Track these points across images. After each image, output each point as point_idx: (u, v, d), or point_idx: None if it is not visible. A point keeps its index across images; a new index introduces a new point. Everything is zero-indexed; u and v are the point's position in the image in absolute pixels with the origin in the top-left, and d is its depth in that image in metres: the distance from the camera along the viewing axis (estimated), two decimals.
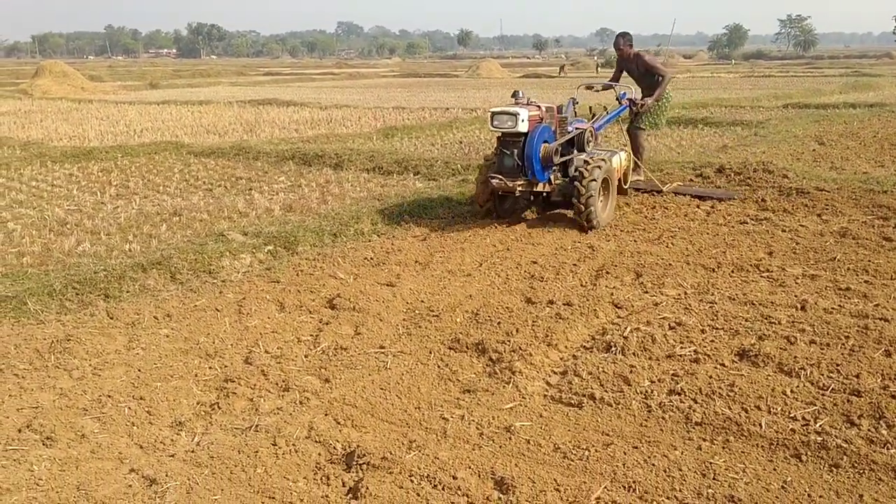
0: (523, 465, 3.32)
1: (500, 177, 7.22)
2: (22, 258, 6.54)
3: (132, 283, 5.78)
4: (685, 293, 5.45)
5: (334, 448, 3.55)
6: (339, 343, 4.75)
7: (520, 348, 4.45)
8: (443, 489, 3.18)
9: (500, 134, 7.37)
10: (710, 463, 3.30)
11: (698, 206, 8.20)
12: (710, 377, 4.01)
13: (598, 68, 51.29)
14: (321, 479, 3.34)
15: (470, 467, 3.32)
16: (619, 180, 8.17)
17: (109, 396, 4.04)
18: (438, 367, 4.43)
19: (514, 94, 7.50)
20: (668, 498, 3.06)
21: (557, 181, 7.63)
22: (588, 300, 5.24)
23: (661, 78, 8.99)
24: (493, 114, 7.26)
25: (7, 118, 19.43)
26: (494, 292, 5.63)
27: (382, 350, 4.65)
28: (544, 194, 7.72)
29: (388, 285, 5.79)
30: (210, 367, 4.45)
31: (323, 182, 10.05)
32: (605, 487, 3.12)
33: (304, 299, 5.52)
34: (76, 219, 8.06)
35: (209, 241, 6.75)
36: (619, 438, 3.54)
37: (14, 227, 7.65)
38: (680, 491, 3.10)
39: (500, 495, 3.11)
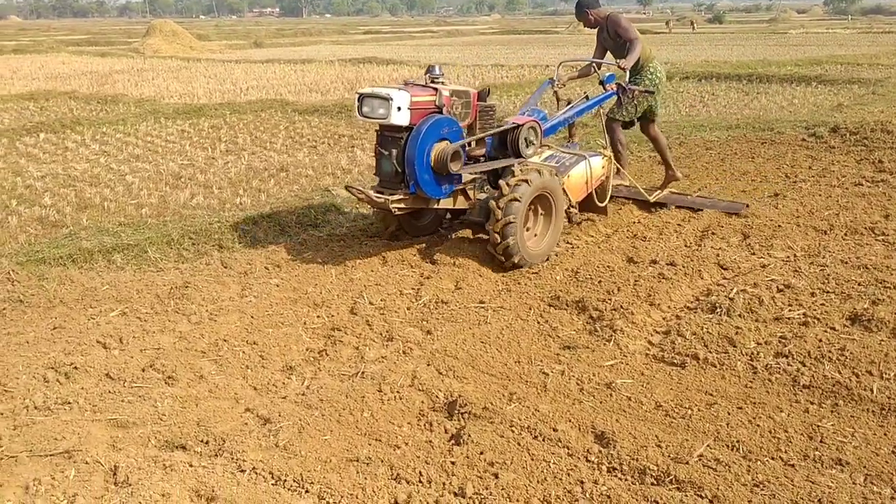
0: (624, 421, 3.34)
1: (358, 188, 5.30)
2: (141, 209, 6.89)
3: (244, 234, 6.03)
4: (795, 255, 5.29)
5: (436, 397, 3.65)
6: (439, 297, 4.84)
7: (621, 307, 4.44)
8: (543, 440, 3.23)
9: (377, 126, 5.32)
10: (818, 426, 3.24)
11: (810, 167, 7.89)
12: (820, 341, 3.90)
13: (695, 25, 48.92)
14: (424, 425, 3.45)
15: (570, 421, 3.37)
16: (593, 194, 6.13)
17: (225, 340, 4.26)
18: (538, 323, 4.46)
19: (429, 70, 5.43)
20: (772, 458, 3.03)
21: (486, 193, 5.71)
22: (692, 261, 5.16)
23: (629, 43, 6.49)
24: (361, 97, 5.19)
25: (122, 76, 20.25)
26: (595, 251, 5.60)
27: (482, 305, 4.72)
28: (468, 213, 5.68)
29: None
30: (318, 316, 4.62)
31: None
32: (708, 445, 3.11)
33: (406, 254, 5.63)
34: (189, 173, 8.41)
35: (315, 196, 6.95)
36: (722, 399, 3.51)
37: (132, 179, 8.05)
38: (785, 452, 3.07)
39: (601, 448, 3.15)
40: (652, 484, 2.91)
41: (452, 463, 3.11)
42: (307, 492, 2.96)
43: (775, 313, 4.28)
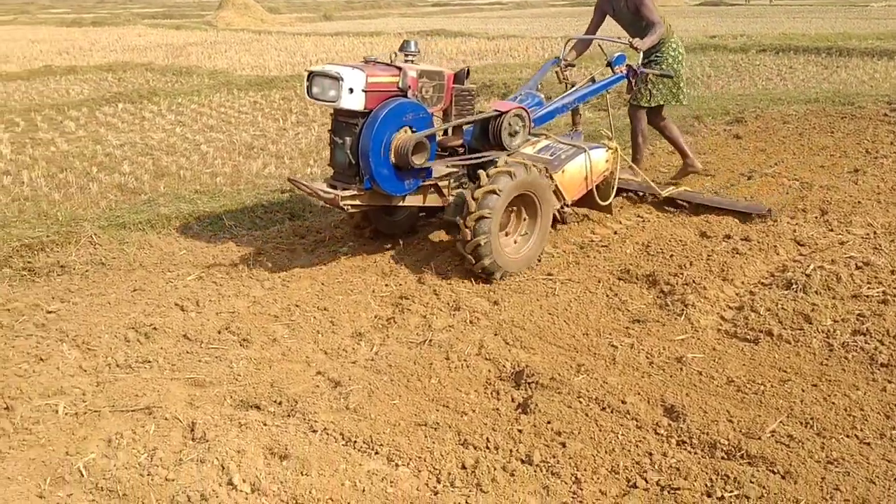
0: (694, 395, 3.31)
1: (303, 182, 4.62)
2: (215, 178, 7.05)
3: (314, 203, 6.12)
4: (874, 233, 5.12)
5: (503, 366, 3.66)
6: None
7: (693, 281, 4.38)
8: (612, 412, 3.23)
9: (331, 110, 4.66)
10: (895, 405, 3.16)
11: (892, 143, 7.60)
12: None
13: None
14: (491, 393, 3.47)
15: (639, 393, 3.35)
16: (593, 191, 5.37)
17: (297, 306, 4.35)
18: (607, 296, 4.43)
19: (403, 47, 4.72)
20: (847, 436, 2.97)
21: (463, 188, 4.88)
22: (768, 236, 5.03)
23: (651, 26, 5.88)
24: (311, 75, 4.54)
25: (196, 48, 20.61)
26: (667, 224, 5.52)
27: (550, 277, 4.70)
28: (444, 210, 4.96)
29: (556, 214, 5.78)
30: (386, 285, 4.67)
31: None
32: (781, 422, 3.06)
33: None
34: (261, 143, 8.56)
35: None
36: (796, 375, 3.44)
37: (207, 149, 8.23)
38: (861, 430, 3.00)
39: (671, 422, 3.13)
40: (722, 458, 2.88)
41: (519, 431, 3.13)
42: (377, 453, 3.02)
43: (853, 291, 4.17)
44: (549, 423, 3.15)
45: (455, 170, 4.89)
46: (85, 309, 4.34)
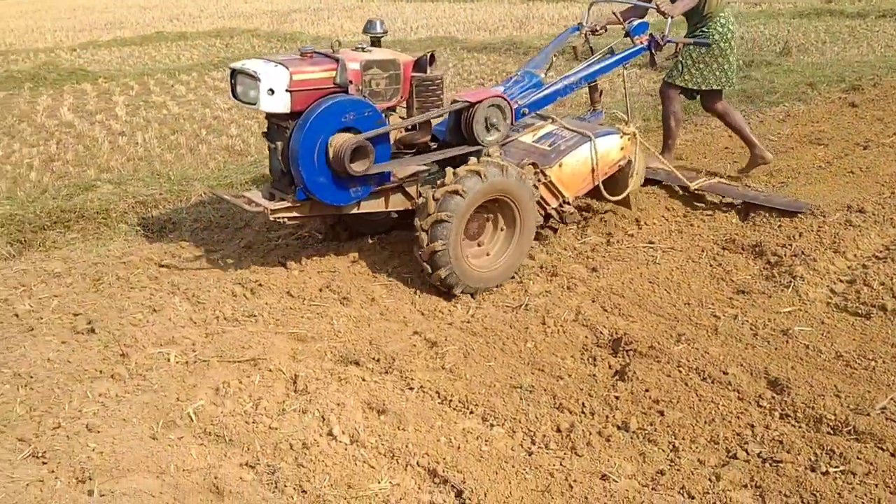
0: (800, 369, 3.21)
1: (227, 194, 4.32)
2: None
3: None
4: None
5: (601, 333, 3.64)
6: (612, 234, 4.78)
7: (802, 253, 4.22)
8: (712, 382, 3.16)
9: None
10: None
11: None
12: None
13: None
14: (588, 359, 3.46)
15: (741, 365, 3.27)
16: (612, 180, 4.75)
17: (395, 267, 4.40)
18: (710, 265, 4.33)
19: (367, 27, 4.27)
20: None
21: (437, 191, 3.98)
22: (884, 208, 4.78)
23: None
24: (234, 73, 4.03)
25: (299, 15, 20.94)
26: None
27: (651, 245, 4.62)
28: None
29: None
30: None
31: None
32: (892, 398, 2.94)
33: None
34: None
35: None
36: None
37: None
38: None
39: (774, 395, 3.04)
40: (828, 433, 2.79)
41: (616, 397, 3.11)
42: (471, 413, 3.06)
43: None
44: (646, 391, 3.12)
45: (424, 168, 4.35)
46: (195, 264, 4.51)
